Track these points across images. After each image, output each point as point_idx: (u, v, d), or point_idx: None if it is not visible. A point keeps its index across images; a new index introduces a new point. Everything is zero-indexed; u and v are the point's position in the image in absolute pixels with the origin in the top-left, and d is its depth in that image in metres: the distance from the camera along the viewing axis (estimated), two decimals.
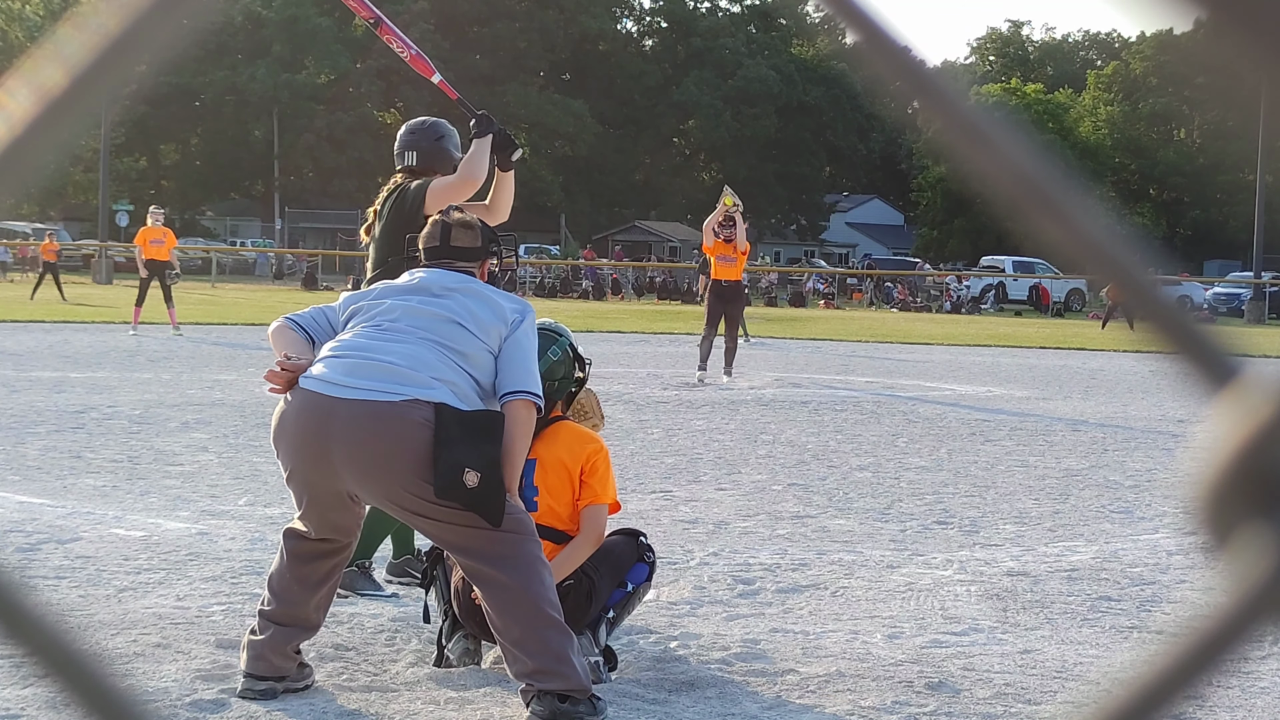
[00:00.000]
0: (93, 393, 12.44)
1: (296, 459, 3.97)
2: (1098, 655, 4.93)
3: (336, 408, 3.86)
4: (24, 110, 0.54)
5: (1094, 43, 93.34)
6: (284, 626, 4.13)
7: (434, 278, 4.28)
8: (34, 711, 3.86)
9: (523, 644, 3.84)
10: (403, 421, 3.82)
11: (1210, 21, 0.47)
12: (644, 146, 75.96)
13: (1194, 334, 0.52)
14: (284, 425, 3.99)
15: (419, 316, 4.09)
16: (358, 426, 3.83)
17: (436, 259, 4.38)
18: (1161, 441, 11.39)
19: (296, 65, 64.66)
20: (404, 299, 4.17)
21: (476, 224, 4.45)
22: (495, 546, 3.88)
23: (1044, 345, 25.69)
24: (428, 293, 4.19)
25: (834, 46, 44.61)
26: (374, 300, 4.21)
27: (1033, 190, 0.52)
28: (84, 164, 56.70)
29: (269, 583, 4.21)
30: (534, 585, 3.87)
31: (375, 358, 3.95)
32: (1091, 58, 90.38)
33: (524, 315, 4.21)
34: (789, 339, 25.71)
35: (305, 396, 3.94)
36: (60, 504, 7.15)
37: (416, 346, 3.99)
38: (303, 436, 3.92)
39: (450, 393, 3.92)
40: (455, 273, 4.32)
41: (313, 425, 3.90)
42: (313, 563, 4.15)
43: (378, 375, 3.90)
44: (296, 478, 4.03)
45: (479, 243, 4.42)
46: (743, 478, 8.79)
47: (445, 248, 4.38)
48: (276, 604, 4.15)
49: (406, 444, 3.80)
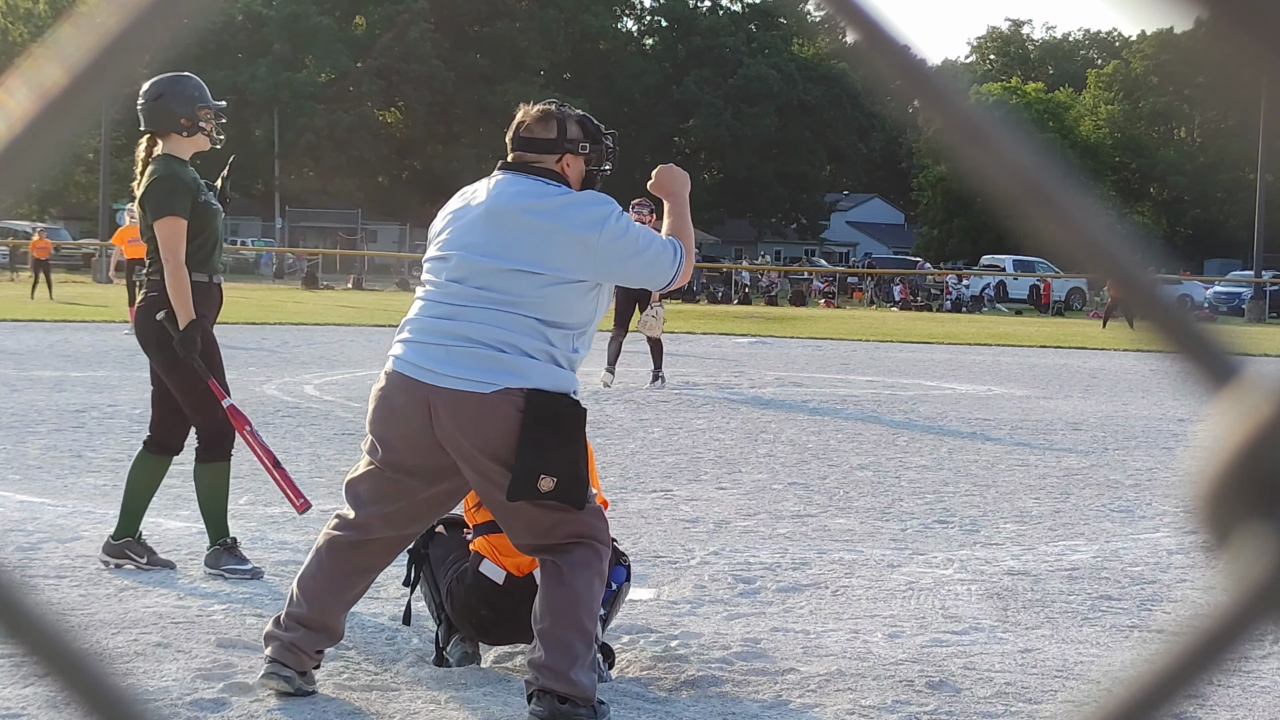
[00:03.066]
0: (93, 392, 12.44)
1: (398, 442, 3.94)
2: (1098, 654, 4.93)
3: (435, 396, 3.86)
4: (24, 109, 0.54)
5: (1094, 42, 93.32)
6: (312, 631, 4.11)
7: (498, 200, 4.00)
8: (35, 710, 3.86)
9: (547, 636, 3.90)
10: (495, 414, 3.83)
11: (1211, 20, 0.47)
12: (644, 145, 75.90)
13: (1194, 333, 0.52)
14: (385, 409, 3.96)
15: (489, 275, 3.92)
16: (454, 416, 3.84)
17: (511, 151, 4.11)
18: (1162, 440, 11.39)
19: (297, 64, 64.64)
20: (469, 255, 3.96)
21: (555, 113, 4.11)
22: (566, 533, 3.96)
23: (1044, 344, 25.69)
24: (493, 228, 3.96)
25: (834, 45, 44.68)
26: (442, 252, 4.04)
27: (1033, 189, 0.52)
28: (85, 164, 56.72)
29: (300, 584, 4.15)
30: (584, 593, 3.94)
31: (463, 340, 3.88)
32: (1092, 57, 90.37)
33: (600, 229, 3.95)
34: (790, 338, 25.71)
35: (404, 382, 3.92)
36: (61, 503, 7.15)
37: (496, 317, 3.89)
38: (408, 421, 3.90)
39: (540, 372, 3.89)
40: (524, 178, 4.03)
41: (415, 411, 3.89)
42: (354, 557, 4.11)
43: (469, 362, 3.86)
44: (391, 461, 3.97)
45: (553, 134, 4.08)
46: (743, 477, 8.79)
47: (516, 139, 4.11)
48: (308, 607, 4.11)
49: (498, 437, 3.83)
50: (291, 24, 63.97)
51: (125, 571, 5.71)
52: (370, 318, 26.30)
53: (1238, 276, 50.80)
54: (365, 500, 4.05)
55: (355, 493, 4.08)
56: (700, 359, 19.18)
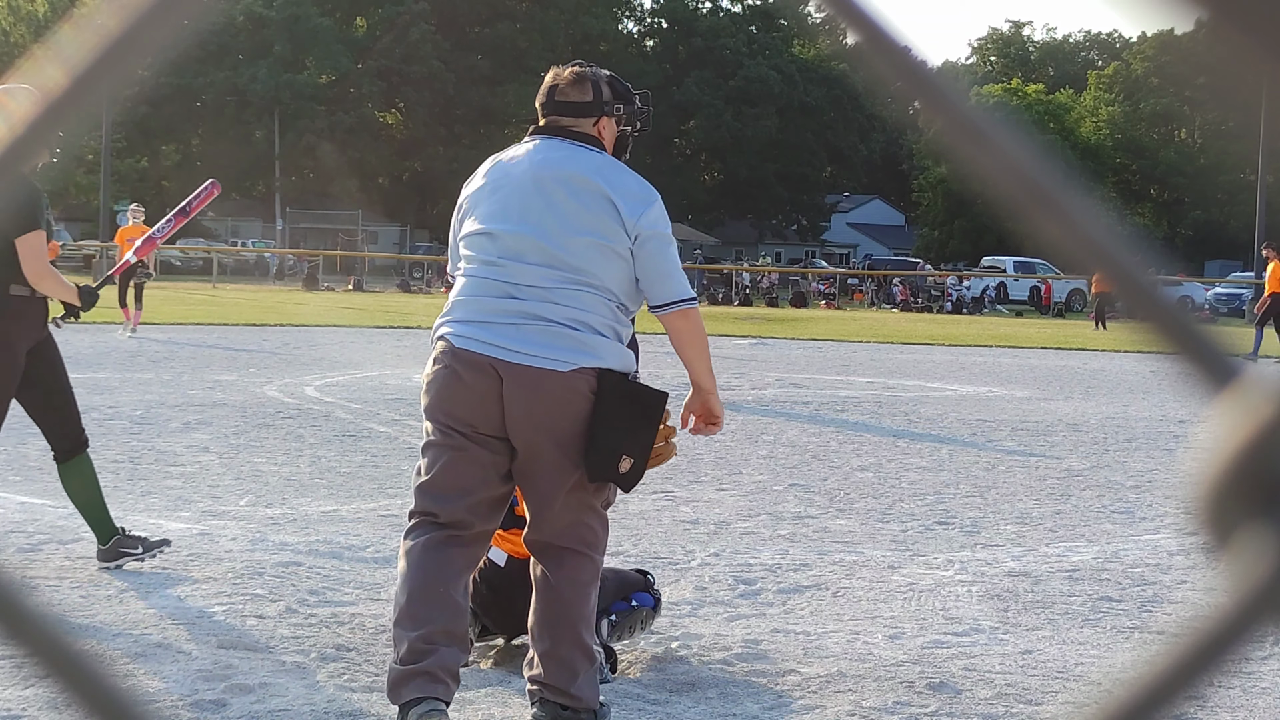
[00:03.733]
0: (94, 393, 12.44)
1: (472, 416, 3.70)
2: (1099, 656, 4.93)
3: (509, 373, 3.67)
4: (24, 110, 0.54)
5: (1095, 43, 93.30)
6: (448, 648, 3.70)
7: (546, 168, 3.81)
8: (35, 712, 3.86)
9: (548, 656, 3.83)
10: (571, 393, 3.68)
11: (1211, 22, 0.47)
12: (644, 146, 75.86)
13: (1195, 334, 0.52)
14: (452, 386, 3.72)
15: (551, 247, 3.73)
16: (529, 394, 3.66)
17: (545, 115, 3.92)
18: (1162, 442, 11.39)
19: (297, 65, 64.65)
20: (524, 229, 3.76)
21: (589, 75, 3.95)
22: (577, 537, 3.86)
23: (1045, 345, 25.68)
24: (545, 197, 3.77)
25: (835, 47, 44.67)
26: (488, 227, 3.80)
27: (1033, 190, 0.52)
28: (85, 165, 56.71)
29: (411, 606, 3.72)
30: (582, 608, 3.85)
31: (534, 319, 3.69)
32: (1092, 58, 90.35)
33: (646, 207, 3.81)
34: (790, 339, 25.70)
35: (473, 359, 3.70)
36: (62, 504, 7.14)
37: (565, 295, 3.71)
38: (480, 396, 3.68)
39: (612, 351, 3.75)
40: (565, 143, 3.86)
41: (488, 386, 3.68)
42: (460, 554, 3.80)
43: (544, 340, 3.68)
44: (469, 436, 3.72)
45: (589, 96, 3.91)
46: (744, 478, 8.79)
47: (551, 102, 3.92)
48: (433, 624, 3.69)
49: (571, 417, 3.69)
50: (292, 25, 63.98)
51: (125, 573, 5.71)
52: (371, 319, 26.31)
53: (1238, 278, 50.80)
54: (450, 494, 3.75)
55: (434, 491, 3.77)
56: None
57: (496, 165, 3.92)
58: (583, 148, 3.86)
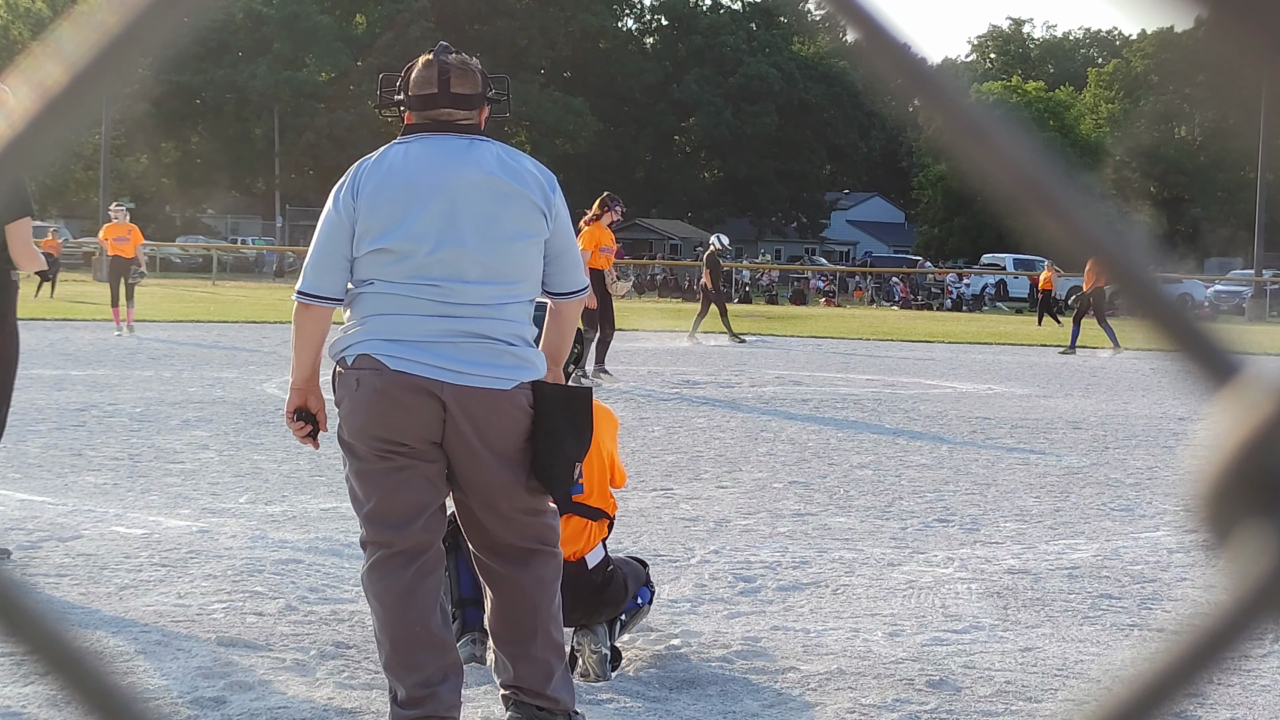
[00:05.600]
0: (93, 390, 12.45)
1: (411, 434, 3.56)
2: (1098, 653, 4.93)
3: (452, 395, 3.54)
4: (24, 108, 0.54)
5: (1095, 40, 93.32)
6: (448, 680, 3.63)
7: (460, 173, 3.61)
8: (35, 709, 3.86)
9: (520, 659, 3.78)
10: (515, 409, 3.60)
11: (1211, 19, 0.47)
12: (644, 144, 75.94)
13: (1195, 332, 0.52)
14: (387, 406, 3.57)
15: (482, 259, 3.58)
16: (475, 413, 3.55)
17: (434, 109, 3.68)
18: (1162, 439, 11.39)
19: (297, 63, 64.64)
20: (452, 244, 3.57)
21: (472, 64, 3.74)
22: (534, 536, 3.77)
23: (1045, 343, 25.68)
24: (467, 205, 3.59)
25: (835, 44, 44.64)
26: (402, 245, 3.57)
27: (1033, 188, 0.52)
28: (84, 162, 56.70)
29: (395, 653, 3.62)
30: (548, 606, 3.79)
31: (472, 336, 3.56)
32: (1092, 55, 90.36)
33: (554, 192, 3.70)
34: (790, 337, 25.70)
35: (410, 380, 3.55)
36: (61, 502, 7.15)
37: (498, 310, 3.59)
38: (420, 416, 3.55)
39: (539, 358, 3.70)
40: (457, 139, 3.67)
41: (429, 407, 3.54)
42: (430, 579, 3.67)
43: (487, 358, 3.57)
44: (410, 454, 3.58)
45: (479, 88, 3.71)
46: (743, 475, 8.79)
47: (445, 95, 3.66)
48: (428, 656, 3.61)
49: (517, 433, 3.61)
50: (292, 23, 63.96)
51: (125, 571, 5.71)
52: None
53: (1238, 275, 50.80)
54: (403, 519, 3.62)
55: (387, 519, 3.62)
56: (700, 357, 19.17)
57: (391, 172, 3.65)
58: (480, 140, 3.68)
